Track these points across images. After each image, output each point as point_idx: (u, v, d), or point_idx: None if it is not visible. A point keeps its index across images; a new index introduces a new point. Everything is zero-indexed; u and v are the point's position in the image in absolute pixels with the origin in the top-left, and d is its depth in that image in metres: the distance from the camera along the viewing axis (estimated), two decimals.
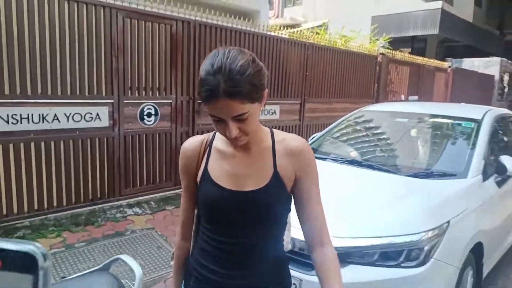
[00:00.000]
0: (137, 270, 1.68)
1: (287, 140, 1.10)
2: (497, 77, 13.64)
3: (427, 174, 2.76)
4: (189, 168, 1.12)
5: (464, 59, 13.87)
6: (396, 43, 13.82)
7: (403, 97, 8.52)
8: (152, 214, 4.05)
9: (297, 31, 6.65)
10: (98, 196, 3.84)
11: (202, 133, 4.54)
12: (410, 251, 2.07)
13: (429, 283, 2.05)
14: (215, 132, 1.12)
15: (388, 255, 2.07)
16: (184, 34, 4.33)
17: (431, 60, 10.03)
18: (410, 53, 14.15)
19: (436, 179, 2.69)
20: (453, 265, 2.21)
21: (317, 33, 7.03)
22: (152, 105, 4.25)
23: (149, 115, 4.25)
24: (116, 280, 1.62)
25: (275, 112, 5.71)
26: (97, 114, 3.69)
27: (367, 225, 2.16)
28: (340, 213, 2.19)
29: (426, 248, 2.08)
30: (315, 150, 3.45)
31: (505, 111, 4.07)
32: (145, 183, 4.27)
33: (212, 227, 1.10)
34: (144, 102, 4.15)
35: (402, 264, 2.05)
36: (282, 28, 6.23)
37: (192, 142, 1.14)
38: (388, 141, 3.63)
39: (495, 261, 3.02)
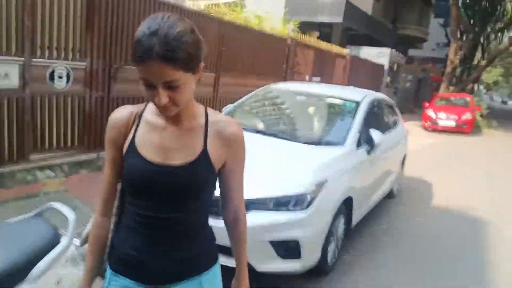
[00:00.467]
0: (70, 215, 1.82)
1: (222, 123, 1.10)
2: (386, 67, 15.60)
3: (316, 143, 3.42)
4: (116, 139, 1.08)
5: (363, 47, 15.52)
6: (306, 26, 14.82)
7: (307, 77, 9.42)
8: (65, 177, 4.10)
9: (215, 4, 6.88)
10: (6, 158, 3.75)
11: (118, 99, 4.68)
12: (298, 199, 2.67)
13: (310, 224, 2.68)
14: (147, 104, 1.10)
15: (280, 203, 2.64)
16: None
17: (334, 47, 11.14)
18: (318, 37, 15.35)
19: (322, 146, 3.36)
20: (328, 212, 2.88)
21: (234, 10, 7.35)
22: (64, 68, 4.18)
23: (60, 77, 4.18)
24: (50, 226, 1.71)
25: None
26: (6, 73, 3.55)
27: (267, 178, 2.69)
28: (247, 171, 2.67)
29: (309, 197, 2.69)
30: None
31: (380, 95, 5.00)
32: (56, 146, 4.24)
33: (136, 201, 1.07)
34: (55, 63, 4.07)
35: (291, 208, 2.63)
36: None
37: (121, 112, 1.10)
38: (290, 115, 4.24)
39: (363, 214, 3.86)
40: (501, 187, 6.67)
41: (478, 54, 24.28)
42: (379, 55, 15.39)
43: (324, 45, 10.34)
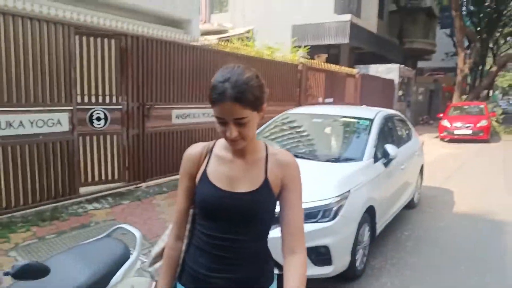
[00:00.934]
0: (137, 232, 2.18)
1: (279, 154, 1.26)
2: (396, 81, 15.95)
3: (336, 160, 3.77)
4: (190, 170, 1.26)
5: (371, 65, 15.96)
6: (315, 49, 15.41)
7: (320, 99, 9.83)
8: (110, 208, 4.53)
9: (226, 39, 7.44)
10: (60, 193, 4.22)
11: (151, 135, 5.16)
12: (324, 211, 3.00)
13: (337, 232, 3.00)
14: (216, 141, 1.29)
15: (309, 215, 2.97)
16: (134, 48, 4.86)
17: (343, 67, 11.60)
18: (326, 58, 15.89)
19: (342, 162, 3.70)
20: (353, 221, 3.19)
21: (246, 45, 7.92)
22: (101, 110, 4.70)
23: (99, 119, 4.70)
24: (121, 243, 2.04)
25: None
26: (58, 120, 4.09)
27: None
28: None
29: (334, 209, 3.03)
30: None
31: (392, 111, 5.33)
32: (99, 179, 4.72)
33: (206, 223, 1.22)
34: (94, 108, 4.59)
35: (319, 220, 2.96)
36: (210, 34, 6.97)
37: (195, 147, 1.29)
38: (308, 137, 4.61)
39: (385, 223, 4.13)
40: None
41: (491, 60, 24.33)
42: (388, 71, 15.79)
43: (333, 67, 10.81)
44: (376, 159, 3.86)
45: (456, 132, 13.66)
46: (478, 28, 21.81)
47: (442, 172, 7.97)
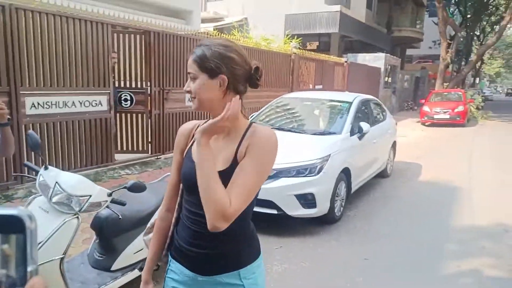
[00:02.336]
0: None
1: (257, 128, 1.21)
2: (382, 69, 17.03)
3: (321, 133, 4.86)
4: (181, 145, 1.29)
5: (359, 54, 17.00)
6: (306, 37, 16.34)
7: (311, 86, 10.88)
8: (139, 174, 5.57)
9: (222, 28, 8.36)
10: (101, 161, 5.25)
11: (169, 115, 6.18)
12: (311, 168, 4.09)
13: (320, 183, 4.09)
14: (208, 119, 1.24)
15: (299, 171, 4.06)
16: (155, 42, 5.83)
17: (331, 57, 12.63)
18: (317, 46, 16.86)
19: (325, 135, 4.79)
20: (333, 177, 4.29)
21: (246, 36, 8.89)
22: (127, 93, 5.72)
23: (126, 100, 5.73)
24: None
25: None
26: (100, 101, 5.08)
27: (290, 156, 4.13)
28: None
29: (318, 167, 4.12)
30: None
31: (369, 96, 6.42)
32: (130, 150, 5.78)
33: (188, 198, 1.23)
34: (122, 91, 5.61)
35: (307, 175, 4.06)
36: (206, 21, 7.91)
37: (188, 124, 1.33)
38: (299, 116, 5.68)
39: (360, 184, 5.25)
40: (479, 163, 8.01)
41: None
42: (375, 59, 16.84)
43: (323, 56, 11.83)
44: (352, 133, 4.94)
45: (435, 116, 14.86)
46: (467, 17, 22.70)
47: (416, 150, 9.14)
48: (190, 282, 1.26)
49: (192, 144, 1.24)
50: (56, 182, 2.15)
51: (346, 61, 13.42)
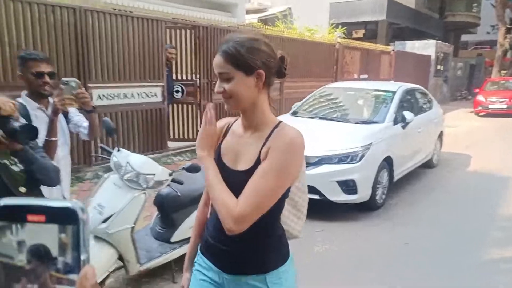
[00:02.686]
0: None
1: (284, 128, 1.17)
2: (433, 57, 16.34)
3: (363, 122, 4.95)
4: (215, 142, 1.28)
5: (407, 41, 16.41)
6: (352, 26, 16.07)
7: (355, 75, 10.79)
8: (190, 160, 5.99)
9: (266, 19, 8.52)
10: (156, 147, 5.73)
11: (217, 106, 6.52)
12: (353, 156, 4.24)
13: (361, 171, 4.23)
14: (239, 117, 1.26)
15: (341, 159, 4.22)
16: (204, 36, 6.18)
17: (378, 45, 12.38)
18: (364, 34, 16.49)
19: (368, 124, 4.88)
20: (374, 164, 4.40)
21: (289, 27, 9.02)
22: (179, 85, 6.14)
23: (177, 91, 6.16)
24: None
25: None
26: (155, 93, 5.54)
27: (333, 145, 4.30)
28: (319, 140, 4.30)
29: (359, 154, 4.25)
30: (296, 113, 5.55)
31: (414, 86, 6.35)
32: (182, 138, 6.24)
33: None
34: (174, 83, 6.02)
35: (349, 162, 4.21)
36: (250, 12, 8.11)
37: (220, 121, 1.31)
38: (343, 106, 5.79)
39: (403, 173, 5.28)
40: None
41: None
42: (425, 47, 16.18)
43: (368, 45, 11.64)
44: (395, 122, 4.98)
45: (490, 106, 14.05)
46: None
47: (466, 141, 8.83)
48: (215, 278, 1.27)
49: (222, 141, 1.27)
50: (127, 162, 2.52)
51: (393, 50, 13.08)
